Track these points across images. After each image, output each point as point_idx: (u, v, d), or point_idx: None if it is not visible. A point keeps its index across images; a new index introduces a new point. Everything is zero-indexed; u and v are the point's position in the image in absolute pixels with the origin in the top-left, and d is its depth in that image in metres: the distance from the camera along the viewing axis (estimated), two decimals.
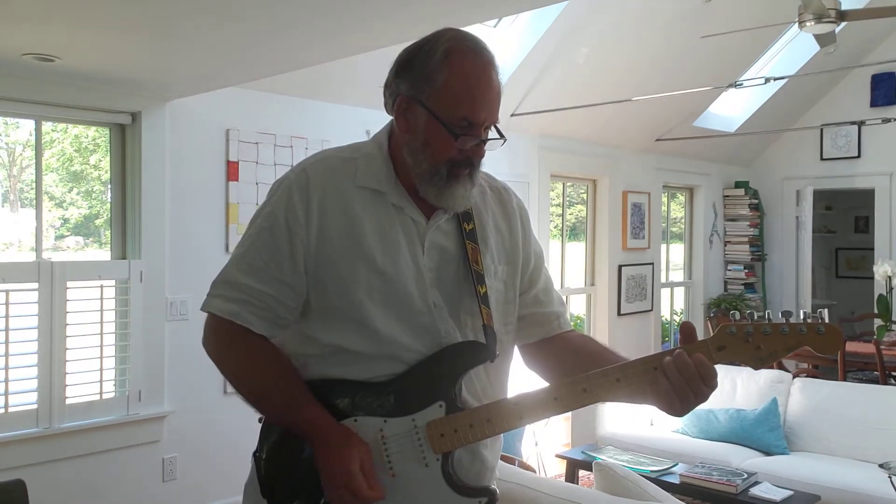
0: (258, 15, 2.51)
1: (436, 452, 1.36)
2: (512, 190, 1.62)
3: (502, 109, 1.47)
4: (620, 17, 4.81)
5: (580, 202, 6.67)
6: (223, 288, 1.43)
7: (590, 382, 1.33)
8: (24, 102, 3.39)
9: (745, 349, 1.31)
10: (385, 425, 1.37)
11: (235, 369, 1.45)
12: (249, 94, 4.02)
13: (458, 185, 1.39)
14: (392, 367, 1.39)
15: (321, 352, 1.42)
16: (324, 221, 1.40)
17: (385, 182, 1.42)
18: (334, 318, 1.40)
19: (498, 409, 1.36)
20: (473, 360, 1.40)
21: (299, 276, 1.40)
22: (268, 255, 1.41)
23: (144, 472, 3.75)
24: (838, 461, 4.24)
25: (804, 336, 1.30)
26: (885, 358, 5.31)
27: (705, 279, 7.50)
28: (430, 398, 1.37)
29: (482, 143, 1.40)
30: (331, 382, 1.40)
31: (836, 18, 3.94)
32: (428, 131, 1.37)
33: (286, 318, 1.43)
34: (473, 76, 1.36)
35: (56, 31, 2.65)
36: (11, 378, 3.35)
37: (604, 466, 2.62)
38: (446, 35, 1.39)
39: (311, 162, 1.47)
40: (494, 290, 1.47)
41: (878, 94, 7.14)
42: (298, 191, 1.41)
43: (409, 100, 1.38)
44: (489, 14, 3.05)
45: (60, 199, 3.95)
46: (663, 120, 6.17)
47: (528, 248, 1.57)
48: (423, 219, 1.43)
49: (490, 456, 1.48)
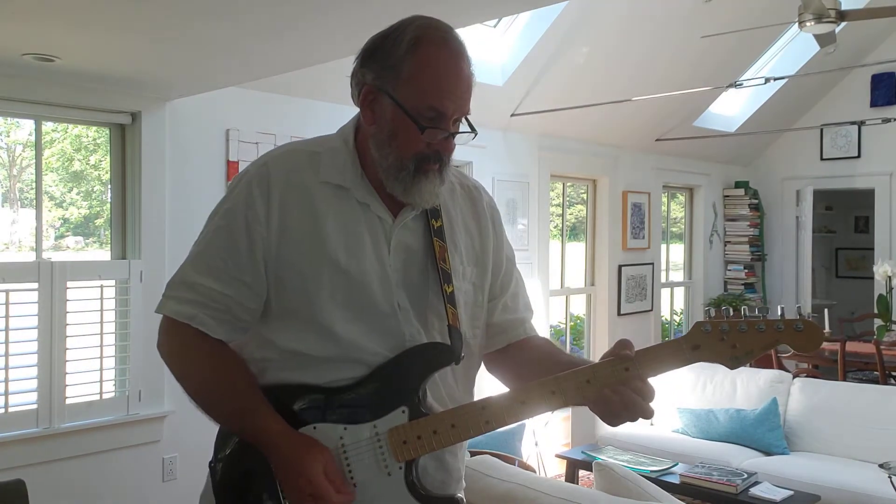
0: (258, 15, 2.51)
1: (398, 460, 1.29)
2: (483, 188, 1.55)
3: (502, 109, 1.45)
4: (620, 17, 4.81)
5: (580, 202, 6.67)
6: (179, 289, 1.36)
7: (558, 385, 1.28)
8: (24, 102, 3.39)
9: (721, 348, 1.25)
10: (345, 433, 1.30)
11: (189, 375, 1.37)
12: (249, 94, 4.02)
13: (425, 181, 1.32)
14: (354, 371, 1.32)
15: (280, 356, 1.35)
16: (285, 218, 1.33)
17: (350, 178, 1.36)
18: (294, 320, 1.33)
19: (463, 414, 1.30)
20: (438, 363, 1.34)
21: (258, 275, 1.33)
22: (226, 253, 1.34)
23: (144, 472, 3.75)
24: (838, 461, 4.25)
25: (781, 333, 1.23)
26: (885, 358, 5.31)
27: (705, 279, 7.50)
28: (392, 403, 1.30)
29: (451, 136, 1.32)
30: (289, 388, 1.33)
31: (836, 18, 3.94)
32: (394, 123, 1.30)
33: (245, 320, 1.36)
34: (442, 66, 1.29)
35: (56, 31, 2.65)
36: (11, 378, 3.35)
37: (604, 466, 2.62)
38: (414, 23, 1.32)
39: (273, 156, 1.40)
40: (462, 291, 1.41)
41: (878, 94, 7.14)
42: (259, 186, 1.34)
43: (375, 90, 1.32)
44: (489, 14, 3.05)
45: (60, 199, 3.95)
46: (663, 120, 6.17)
47: (499, 251, 1.50)
48: (389, 216, 1.37)
49: (455, 464, 1.42)
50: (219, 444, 1.41)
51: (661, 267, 7.07)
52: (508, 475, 2.53)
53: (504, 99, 4.93)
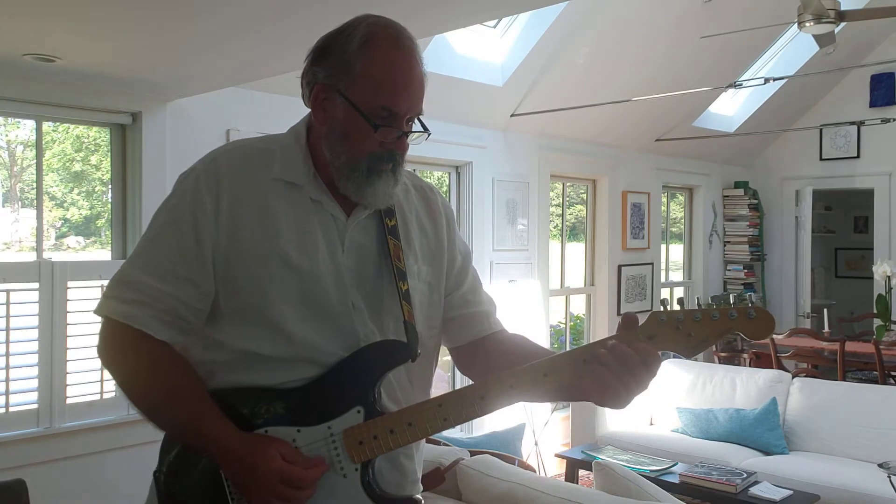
0: (259, 15, 2.51)
1: (354, 461, 1.26)
2: (437, 190, 1.53)
3: (502, 109, 1.45)
4: (620, 17, 4.82)
5: (580, 202, 6.68)
6: (119, 288, 1.29)
7: (516, 378, 1.26)
8: (24, 102, 3.40)
9: (676, 337, 1.25)
10: (298, 435, 1.26)
11: (131, 380, 1.31)
12: (249, 94, 4.02)
13: (379, 181, 1.30)
14: (307, 371, 1.28)
15: (229, 358, 1.30)
16: (235, 215, 1.29)
17: (303, 175, 1.33)
18: (244, 320, 1.29)
19: (420, 412, 1.27)
20: (393, 360, 1.31)
21: (206, 274, 1.28)
22: (171, 251, 1.28)
23: (145, 472, 3.73)
24: (837, 461, 4.25)
25: (734, 321, 1.25)
26: (884, 358, 5.32)
27: (705, 279, 7.51)
28: (347, 403, 1.27)
29: (404, 135, 1.30)
30: (239, 391, 1.29)
31: (836, 19, 3.95)
32: (346, 122, 1.28)
33: (190, 321, 1.30)
34: (394, 64, 1.27)
35: (56, 32, 2.66)
36: (12, 378, 3.35)
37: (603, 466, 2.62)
38: (366, 21, 1.30)
39: (222, 151, 1.36)
40: (418, 290, 1.38)
41: (877, 95, 7.15)
42: (207, 182, 1.30)
43: (326, 89, 1.29)
44: (489, 14, 3.05)
45: (61, 200, 3.96)
46: (663, 120, 6.18)
47: (452, 247, 1.48)
48: (342, 215, 1.34)
49: (410, 465, 1.39)
50: (164, 450, 1.36)
51: (661, 267, 7.07)
52: (508, 475, 2.54)
53: (504, 99, 4.93)
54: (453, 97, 4.59)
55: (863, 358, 5.62)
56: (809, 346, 5.79)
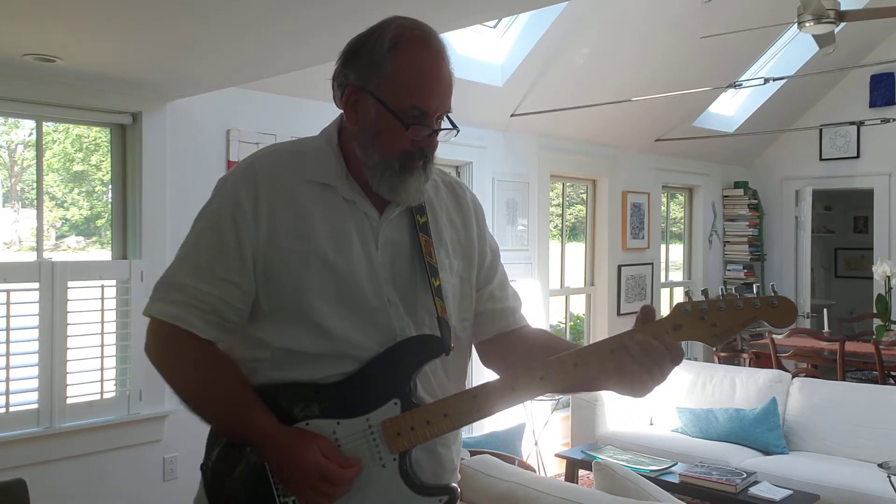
0: (259, 15, 2.52)
1: (392, 452, 1.31)
2: (466, 186, 1.58)
3: (502, 109, 1.47)
4: (620, 18, 4.82)
5: (580, 202, 6.68)
6: (165, 290, 1.36)
7: (547, 370, 1.31)
8: (24, 102, 3.40)
9: (701, 326, 1.29)
10: (338, 427, 1.32)
11: (178, 377, 1.37)
12: (249, 94, 4.03)
13: (411, 178, 1.34)
14: (345, 366, 1.33)
15: (270, 355, 1.35)
16: (272, 217, 1.34)
17: (335, 176, 1.37)
18: (284, 318, 1.34)
19: (455, 403, 1.32)
20: (428, 354, 1.36)
21: (247, 275, 1.34)
22: (213, 254, 1.35)
23: (145, 472, 3.75)
24: (837, 461, 4.25)
25: (758, 310, 1.28)
26: (883, 358, 5.32)
27: (705, 279, 7.51)
28: (384, 396, 1.32)
29: (434, 133, 1.35)
30: (281, 387, 1.34)
31: (836, 19, 3.95)
32: (378, 122, 1.32)
33: (233, 320, 1.36)
34: (423, 64, 1.32)
35: (57, 32, 2.66)
36: (12, 378, 3.35)
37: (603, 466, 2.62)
38: (394, 23, 1.34)
39: (258, 157, 1.42)
40: (450, 284, 1.43)
41: (876, 95, 7.15)
42: (245, 186, 1.35)
43: (357, 90, 1.33)
44: (489, 14, 3.06)
45: (61, 200, 3.96)
46: (663, 120, 6.18)
47: (483, 243, 1.52)
48: (375, 213, 1.38)
49: (448, 454, 1.43)
50: (210, 444, 1.40)
51: (661, 267, 7.07)
52: (508, 475, 2.54)
53: (504, 99, 4.93)
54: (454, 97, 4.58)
55: (862, 358, 5.62)
56: (809, 346, 5.79)
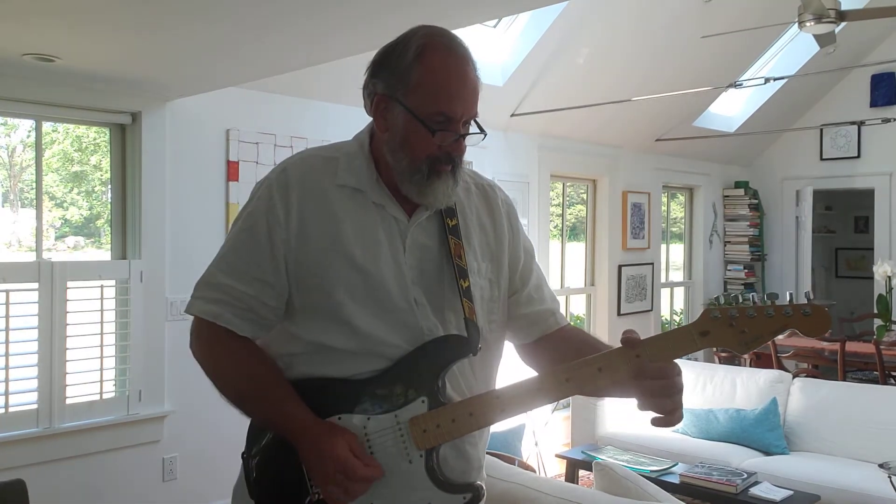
0: (258, 15, 2.51)
1: (419, 448, 1.35)
2: (498, 187, 1.61)
3: (502, 109, 1.47)
4: (620, 18, 4.82)
5: (580, 202, 6.67)
6: (205, 289, 1.44)
7: (572, 372, 1.33)
8: (24, 102, 3.40)
9: (730, 333, 1.28)
10: (368, 423, 1.36)
11: (218, 371, 1.45)
12: (249, 94, 4.02)
13: (439, 182, 1.38)
14: (375, 363, 1.38)
15: (304, 350, 1.41)
16: (304, 220, 1.40)
17: (366, 181, 1.42)
18: (316, 315, 1.40)
19: (480, 403, 1.36)
20: (455, 354, 1.39)
21: (280, 275, 1.40)
22: (248, 255, 1.41)
23: (144, 472, 3.75)
24: (838, 461, 4.25)
25: (790, 318, 1.26)
26: (884, 358, 5.31)
27: (705, 279, 7.51)
28: (412, 394, 1.36)
29: (461, 138, 1.39)
30: (314, 381, 1.40)
31: (836, 18, 3.94)
32: (406, 129, 1.37)
33: (269, 318, 1.43)
34: (448, 72, 1.36)
35: (56, 32, 2.66)
36: (12, 378, 3.35)
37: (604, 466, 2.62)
38: (420, 32, 1.39)
39: (291, 161, 1.48)
40: (479, 287, 1.46)
41: (877, 95, 7.15)
42: (279, 190, 1.41)
43: (385, 99, 1.38)
44: (489, 14, 3.05)
45: (61, 200, 3.96)
46: (663, 120, 6.18)
47: (516, 245, 1.55)
48: (404, 217, 1.43)
49: (474, 452, 1.47)
50: (251, 436, 1.46)
51: (661, 267, 7.07)
52: (508, 475, 2.53)
53: (504, 99, 4.93)
54: None
55: (863, 358, 5.62)
56: (810, 346, 5.79)
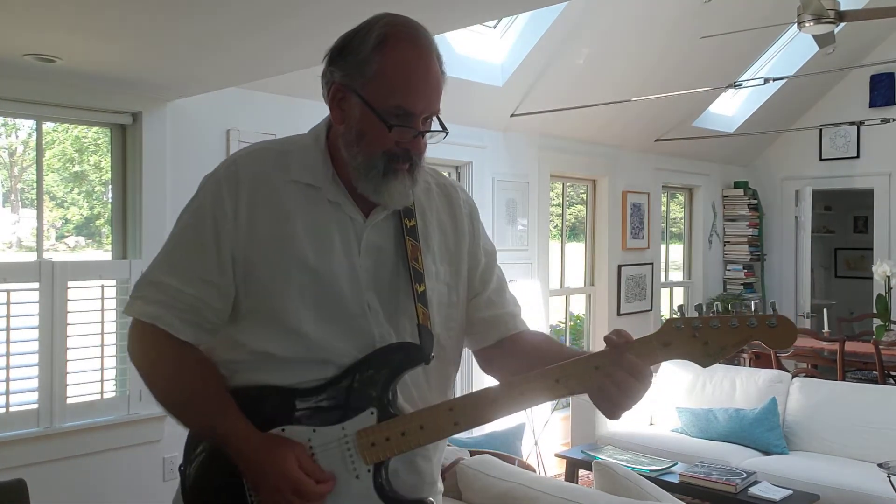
0: (259, 16, 2.52)
1: (366, 463, 1.27)
2: (461, 187, 1.52)
3: (502, 109, 1.45)
4: (620, 18, 4.82)
5: (580, 202, 6.68)
6: (145, 289, 1.33)
7: (528, 384, 1.26)
8: (24, 102, 3.40)
9: (693, 345, 1.23)
10: (314, 435, 1.28)
11: (154, 377, 1.34)
12: (249, 94, 4.02)
13: (396, 181, 1.29)
14: (323, 372, 1.30)
15: (250, 358, 1.32)
16: (253, 217, 1.31)
17: (321, 177, 1.33)
18: (262, 321, 1.31)
19: (432, 415, 1.28)
20: (407, 363, 1.31)
21: (226, 275, 1.31)
22: (193, 253, 1.32)
23: (145, 472, 3.75)
24: (837, 461, 4.25)
25: (755, 330, 1.22)
26: (883, 358, 5.32)
27: (704, 279, 7.51)
28: (361, 405, 1.28)
29: (420, 135, 1.30)
30: (259, 390, 1.31)
31: (835, 19, 3.95)
32: (362, 122, 1.28)
33: (213, 321, 1.33)
34: (409, 64, 1.27)
35: (57, 32, 2.66)
36: (12, 378, 3.35)
37: (603, 466, 2.62)
38: (383, 20, 1.30)
39: (241, 154, 1.38)
40: (436, 291, 1.38)
41: (876, 95, 7.15)
42: (227, 185, 1.33)
43: (342, 89, 1.30)
44: (489, 14, 3.06)
45: (61, 200, 3.96)
46: (663, 120, 6.18)
47: (476, 247, 1.47)
48: (360, 216, 1.34)
49: (427, 467, 1.39)
50: (188, 447, 1.38)
51: (661, 267, 7.07)
52: (508, 475, 2.54)
53: (504, 99, 4.93)
54: (453, 97, 4.55)
55: (862, 358, 5.62)
56: (809, 345, 5.79)
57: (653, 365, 1.25)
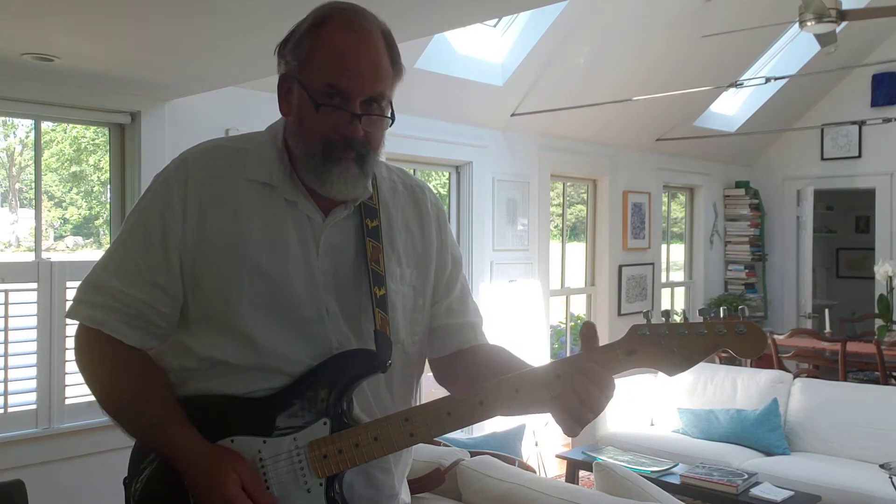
0: (258, 13, 2.51)
1: (318, 476, 1.21)
2: (429, 188, 1.45)
3: (502, 109, 1.41)
4: (620, 17, 4.81)
5: (580, 202, 6.67)
6: (90, 292, 1.27)
7: (486, 395, 1.20)
8: (23, 102, 3.39)
9: (658, 353, 1.17)
10: (264, 446, 1.22)
11: (97, 384, 1.28)
12: (249, 94, 4.01)
13: (336, 168, 1.21)
14: (274, 380, 1.24)
15: (199, 365, 1.26)
16: (204, 218, 1.25)
17: (277, 175, 1.27)
18: (212, 327, 1.26)
19: (387, 426, 1.21)
20: (362, 371, 1.25)
21: (174, 278, 1.25)
22: (140, 254, 1.25)
23: None
24: (839, 461, 4.24)
25: (723, 337, 1.16)
26: (885, 358, 5.30)
27: (706, 279, 7.50)
28: (313, 415, 1.22)
29: (357, 118, 1.20)
30: (208, 399, 1.25)
31: (837, 18, 3.94)
32: (300, 108, 1.23)
33: (161, 326, 1.27)
34: (342, 42, 1.20)
35: (56, 31, 2.65)
36: (11, 378, 3.34)
37: (604, 467, 2.61)
38: (325, 4, 1.26)
39: (193, 152, 1.32)
40: (400, 295, 1.32)
41: (878, 94, 7.14)
42: (177, 183, 1.26)
43: (286, 78, 1.26)
44: (489, 14, 3.05)
45: (60, 199, 3.95)
46: (664, 120, 6.17)
47: (443, 252, 1.40)
48: (319, 216, 1.28)
49: (387, 480, 1.33)
50: (134, 459, 1.33)
51: (662, 267, 7.06)
52: (508, 475, 2.53)
53: (504, 98, 4.92)
54: (453, 97, 4.58)
55: (864, 358, 5.61)
56: (811, 346, 5.78)
57: (616, 374, 1.19)
